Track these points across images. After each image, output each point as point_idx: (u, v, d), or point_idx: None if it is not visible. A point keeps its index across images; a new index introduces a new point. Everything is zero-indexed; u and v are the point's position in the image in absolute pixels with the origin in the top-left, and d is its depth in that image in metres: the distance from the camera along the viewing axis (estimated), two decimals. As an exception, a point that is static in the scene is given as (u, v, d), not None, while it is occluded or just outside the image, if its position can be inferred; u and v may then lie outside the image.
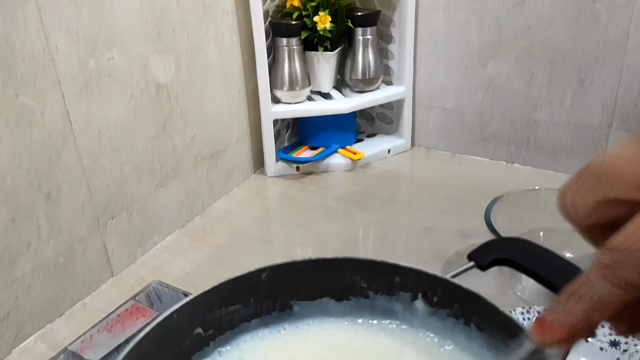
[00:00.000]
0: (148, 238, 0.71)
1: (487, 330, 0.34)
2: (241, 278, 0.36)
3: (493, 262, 0.36)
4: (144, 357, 0.32)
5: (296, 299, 0.38)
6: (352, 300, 0.39)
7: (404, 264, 0.36)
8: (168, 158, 0.71)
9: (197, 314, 0.35)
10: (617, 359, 0.53)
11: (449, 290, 0.35)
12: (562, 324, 0.23)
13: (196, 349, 0.36)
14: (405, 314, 0.38)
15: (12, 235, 0.54)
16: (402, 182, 0.87)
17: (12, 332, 0.56)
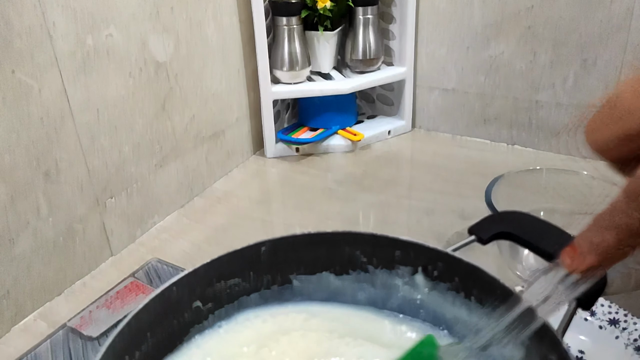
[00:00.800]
0: (147, 218, 0.71)
1: (488, 304, 0.34)
2: (241, 251, 0.36)
3: (494, 236, 0.35)
4: (143, 328, 0.32)
5: (296, 273, 0.38)
6: (352, 275, 0.38)
7: (404, 238, 0.36)
8: (167, 138, 0.71)
9: (196, 287, 0.35)
10: (617, 337, 0.53)
11: (449, 264, 0.35)
12: (594, 250, 0.24)
13: (195, 322, 0.36)
14: (405, 288, 0.37)
15: (11, 214, 0.54)
16: (403, 163, 0.86)
17: (12, 311, 0.56)
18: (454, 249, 0.35)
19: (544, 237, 0.33)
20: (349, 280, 0.39)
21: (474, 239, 0.36)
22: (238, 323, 0.37)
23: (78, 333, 0.47)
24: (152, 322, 0.32)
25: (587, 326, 0.55)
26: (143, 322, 0.32)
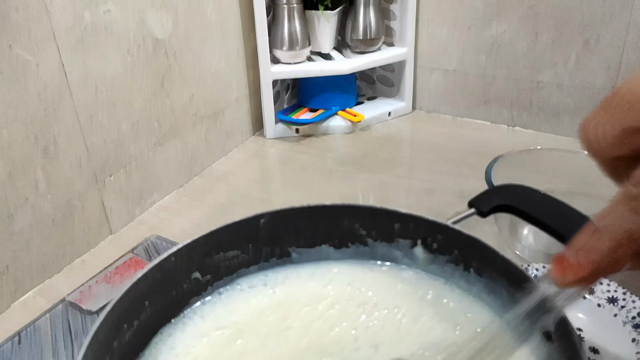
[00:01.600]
0: (147, 197, 0.71)
1: (487, 275, 0.34)
2: (239, 223, 0.36)
3: (494, 209, 0.35)
4: (141, 297, 0.32)
5: (295, 246, 0.38)
6: (351, 248, 0.38)
7: (403, 211, 0.36)
8: (166, 116, 0.71)
9: (195, 258, 0.35)
10: (615, 315, 0.53)
11: (448, 236, 0.35)
12: (586, 261, 0.22)
13: (194, 294, 0.36)
14: (404, 260, 0.37)
15: (9, 189, 0.54)
16: (403, 144, 0.86)
17: (11, 286, 0.57)
18: (453, 222, 0.35)
19: (543, 209, 0.33)
20: (348, 253, 0.39)
21: (474, 212, 0.36)
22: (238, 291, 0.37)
23: (77, 307, 0.47)
24: (150, 291, 0.32)
25: (585, 304, 0.55)
26: (142, 291, 0.32)
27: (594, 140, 0.22)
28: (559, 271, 0.23)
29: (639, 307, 0.53)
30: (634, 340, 0.51)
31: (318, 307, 0.35)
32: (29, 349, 0.43)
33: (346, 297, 0.36)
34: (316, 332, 0.33)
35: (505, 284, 0.33)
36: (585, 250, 0.22)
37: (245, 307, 0.36)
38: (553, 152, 0.66)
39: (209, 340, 0.34)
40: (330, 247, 0.38)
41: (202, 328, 0.34)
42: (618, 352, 0.50)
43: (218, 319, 0.35)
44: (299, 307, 0.35)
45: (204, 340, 0.34)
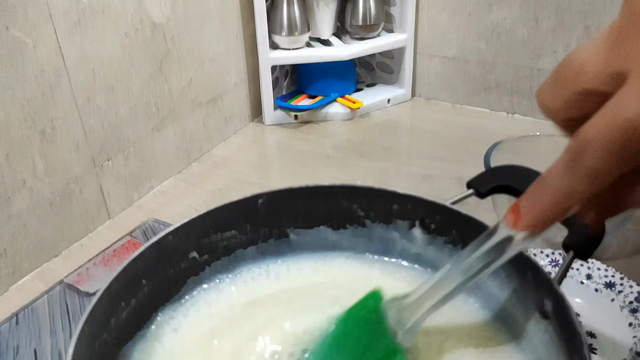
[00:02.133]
0: (145, 182, 0.71)
1: (485, 255, 0.34)
2: (237, 203, 0.36)
3: (492, 190, 0.35)
4: (139, 276, 0.32)
5: (293, 227, 0.38)
6: (349, 229, 0.38)
7: (402, 192, 0.36)
8: (164, 101, 0.70)
9: (193, 237, 0.35)
10: (612, 299, 0.54)
11: (446, 216, 0.35)
12: (533, 211, 0.24)
13: (192, 273, 0.36)
14: (402, 242, 0.37)
15: (6, 171, 0.54)
16: (402, 131, 0.86)
17: (9, 269, 0.56)
18: (451, 203, 0.35)
19: (543, 189, 0.33)
20: (346, 234, 0.38)
21: (472, 193, 0.36)
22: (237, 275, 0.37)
23: (75, 289, 0.47)
24: (147, 269, 0.32)
25: (583, 289, 0.55)
26: (139, 269, 0.31)
27: (549, 104, 0.24)
28: (512, 218, 0.25)
29: (636, 292, 0.53)
30: (631, 324, 0.51)
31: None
32: (27, 329, 0.43)
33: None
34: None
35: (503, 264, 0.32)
36: (533, 202, 0.24)
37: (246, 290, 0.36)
38: (552, 139, 0.65)
39: (211, 318, 0.34)
40: (329, 228, 0.38)
41: (203, 307, 0.34)
42: (615, 337, 0.51)
43: (219, 300, 0.35)
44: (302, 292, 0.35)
45: (205, 318, 0.34)
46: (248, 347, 0.31)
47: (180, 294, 0.35)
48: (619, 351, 0.49)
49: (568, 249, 0.31)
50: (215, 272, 0.37)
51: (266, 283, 0.36)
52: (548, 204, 0.23)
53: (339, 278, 0.37)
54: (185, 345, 0.32)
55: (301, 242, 0.39)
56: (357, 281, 0.36)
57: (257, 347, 0.31)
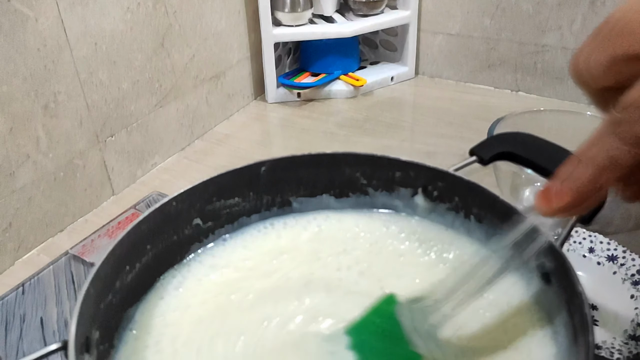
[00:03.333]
0: (148, 158, 0.71)
1: (487, 221, 0.34)
2: (240, 170, 0.36)
3: (495, 157, 0.35)
4: (143, 240, 0.32)
5: (295, 195, 0.38)
6: (352, 198, 0.38)
7: (404, 159, 0.36)
8: (167, 77, 0.70)
9: (196, 203, 0.35)
10: (614, 272, 0.54)
11: (449, 183, 0.35)
12: (570, 188, 0.22)
13: (195, 240, 0.36)
14: (405, 210, 0.37)
15: (10, 145, 0.54)
16: (405, 109, 0.86)
17: (15, 243, 0.57)
18: (454, 170, 0.35)
19: (546, 155, 0.33)
20: (348, 203, 0.39)
21: (475, 160, 0.36)
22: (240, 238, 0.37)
23: (80, 260, 0.48)
24: (151, 234, 0.32)
25: (585, 263, 0.55)
26: (143, 234, 0.32)
27: (584, 70, 0.22)
28: (545, 200, 0.23)
29: (638, 264, 0.53)
30: (633, 296, 0.51)
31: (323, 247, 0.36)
32: (33, 298, 0.44)
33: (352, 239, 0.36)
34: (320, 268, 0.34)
35: (505, 227, 0.33)
36: (569, 179, 0.22)
37: (251, 250, 0.36)
38: (555, 113, 0.65)
39: (213, 281, 0.34)
40: (331, 196, 0.38)
41: (206, 270, 0.35)
42: (617, 309, 0.51)
43: (221, 261, 0.35)
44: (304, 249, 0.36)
45: (208, 281, 0.34)
46: (253, 311, 0.32)
47: (185, 259, 0.35)
48: (621, 323, 0.49)
49: (570, 213, 0.31)
50: (219, 237, 0.37)
51: (270, 240, 0.37)
52: (587, 178, 0.22)
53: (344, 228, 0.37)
54: (189, 301, 0.33)
55: (304, 211, 0.39)
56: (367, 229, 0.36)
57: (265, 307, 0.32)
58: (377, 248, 0.36)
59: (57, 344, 0.25)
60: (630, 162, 0.21)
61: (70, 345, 0.24)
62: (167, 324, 0.31)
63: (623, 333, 0.48)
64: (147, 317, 0.31)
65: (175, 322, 0.31)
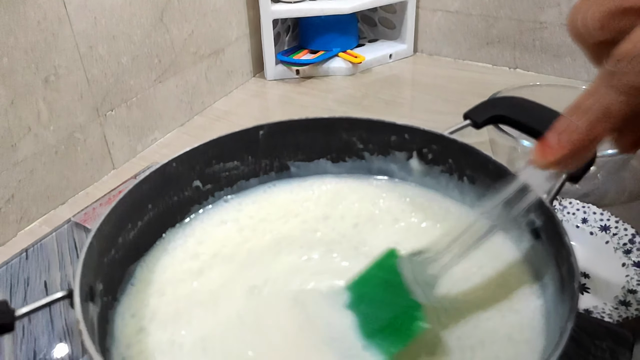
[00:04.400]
0: (148, 133, 0.71)
1: (480, 182, 0.35)
2: (239, 133, 0.36)
3: (489, 120, 0.36)
4: (144, 200, 0.33)
5: (293, 159, 0.39)
6: (349, 162, 0.39)
7: (400, 122, 0.37)
8: (166, 52, 0.70)
9: (196, 165, 0.36)
10: (607, 242, 0.55)
11: (443, 146, 0.36)
12: (567, 140, 0.23)
13: (195, 202, 0.37)
14: (400, 174, 0.38)
15: (12, 117, 0.55)
16: (404, 86, 0.86)
17: (17, 215, 0.58)
18: (449, 133, 0.36)
19: (539, 117, 0.34)
20: (345, 167, 0.39)
21: (469, 123, 0.36)
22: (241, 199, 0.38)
23: (82, 227, 0.49)
24: (152, 194, 0.33)
25: (578, 233, 0.56)
26: (144, 193, 0.32)
27: (581, 26, 0.24)
28: (541, 153, 0.24)
29: (630, 234, 0.54)
30: (624, 264, 0.52)
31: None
32: (36, 263, 0.45)
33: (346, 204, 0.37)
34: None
35: (497, 187, 0.33)
36: (565, 131, 0.23)
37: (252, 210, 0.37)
38: (552, 88, 0.66)
39: (214, 238, 0.35)
40: (328, 161, 0.39)
41: (207, 229, 0.36)
42: (608, 276, 0.52)
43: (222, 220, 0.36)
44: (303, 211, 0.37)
45: (208, 239, 0.35)
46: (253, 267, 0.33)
47: (186, 219, 0.36)
48: (612, 289, 0.50)
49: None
50: (220, 199, 0.38)
51: (270, 202, 0.38)
52: (583, 128, 0.22)
53: (342, 191, 0.38)
54: (190, 257, 0.34)
55: (301, 176, 0.40)
56: (362, 193, 0.37)
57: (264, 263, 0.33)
58: (375, 213, 0.36)
59: (62, 292, 0.26)
60: (623, 112, 0.22)
61: (75, 293, 0.25)
62: (169, 278, 0.32)
63: (614, 299, 0.49)
64: (148, 273, 0.32)
65: (177, 276, 0.32)
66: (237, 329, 0.29)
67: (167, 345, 0.28)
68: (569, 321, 0.22)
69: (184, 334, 0.29)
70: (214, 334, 0.29)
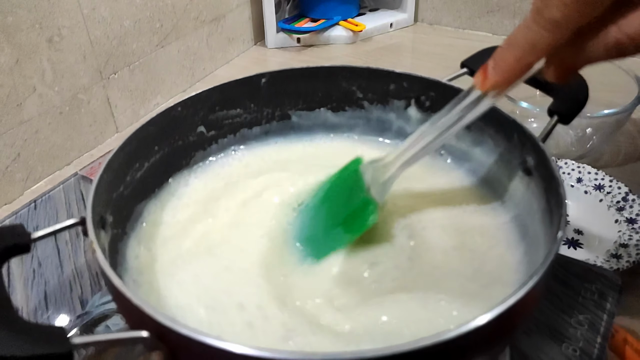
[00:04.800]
0: (151, 98, 0.72)
1: (474, 127, 0.36)
2: (242, 81, 0.37)
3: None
4: (150, 141, 0.34)
5: (294, 108, 0.40)
6: (349, 112, 0.40)
7: (398, 70, 0.38)
8: (168, 16, 0.71)
9: (200, 111, 0.37)
10: (600, 200, 0.56)
11: (440, 92, 0.37)
12: (501, 67, 0.26)
13: (200, 147, 0.38)
14: (398, 122, 0.39)
15: (17, 76, 0.55)
16: (404, 54, 0.87)
17: (23, 174, 0.59)
18: (446, 81, 0.37)
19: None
20: (345, 116, 0.40)
21: (466, 72, 0.37)
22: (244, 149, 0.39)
23: (89, 180, 0.50)
24: (158, 136, 0.34)
25: (573, 192, 0.57)
26: (150, 135, 0.34)
27: None
28: (481, 77, 0.27)
29: (624, 192, 0.55)
30: (617, 221, 0.53)
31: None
32: (45, 213, 0.46)
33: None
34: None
35: (491, 132, 0.34)
36: (500, 60, 0.26)
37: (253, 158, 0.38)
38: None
39: (220, 179, 0.36)
40: (329, 110, 0.40)
41: (214, 171, 0.37)
42: (601, 232, 0.53)
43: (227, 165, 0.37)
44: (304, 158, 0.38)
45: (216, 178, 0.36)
46: (254, 200, 0.34)
47: (191, 163, 0.38)
48: (604, 244, 0.52)
49: (552, 114, 0.33)
50: (222, 148, 0.39)
51: (272, 152, 0.39)
52: (512, 60, 0.25)
53: (338, 152, 0.39)
54: (197, 197, 0.35)
55: (303, 125, 0.41)
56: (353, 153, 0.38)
57: (261, 198, 0.34)
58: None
59: (75, 219, 0.27)
60: (546, 44, 0.24)
61: (88, 218, 0.26)
62: (177, 218, 0.34)
63: (606, 253, 0.50)
64: (156, 212, 0.34)
65: (184, 216, 0.34)
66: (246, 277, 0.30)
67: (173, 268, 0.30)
68: (559, 231, 0.23)
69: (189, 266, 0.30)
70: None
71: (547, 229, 0.28)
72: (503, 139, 0.34)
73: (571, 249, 0.52)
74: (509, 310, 0.22)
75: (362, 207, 0.30)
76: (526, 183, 0.32)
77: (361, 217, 0.30)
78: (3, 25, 0.52)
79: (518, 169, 0.33)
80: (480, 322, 0.21)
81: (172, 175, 0.37)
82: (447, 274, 0.30)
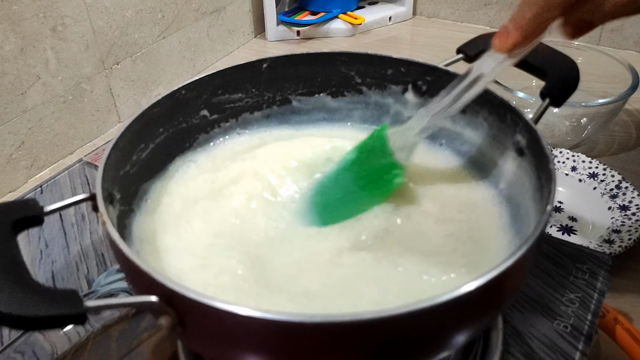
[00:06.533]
0: (152, 88, 0.73)
1: (469, 110, 0.37)
2: (243, 66, 0.38)
3: (481, 53, 0.37)
4: (155, 123, 0.35)
5: (295, 93, 0.41)
6: (347, 97, 0.41)
7: (395, 56, 0.39)
8: (169, 7, 0.72)
9: (203, 95, 0.38)
10: (594, 188, 0.57)
11: (437, 77, 0.38)
12: (519, 25, 0.28)
13: (202, 130, 0.39)
14: (396, 107, 0.40)
15: (21, 65, 0.56)
16: (403, 47, 0.88)
17: (27, 162, 0.60)
18: (443, 66, 0.38)
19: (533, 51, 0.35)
20: (344, 102, 0.41)
21: (462, 57, 0.38)
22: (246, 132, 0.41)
23: (94, 165, 0.51)
24: (163, 118, 0.35)
25: (567, 180, 0.58)
26: (155, 116, 0.35)
27: None
28: (502, 37, 0.30)
29: (617, 180, 0.56)
30: (610, 208, 0.55)
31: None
32: (51, 196, 0.47)
33: None
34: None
35: (485, 114, 0.36)
36: (516, 20, 0.28)
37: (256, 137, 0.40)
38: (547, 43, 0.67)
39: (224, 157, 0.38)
40: (328, 95, 0.41)
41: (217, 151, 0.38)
42: (594, 219, 0.54)
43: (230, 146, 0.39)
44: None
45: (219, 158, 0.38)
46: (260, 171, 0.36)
47: (195, 146, 0.39)
48: (597, 231, 0.53)
49: (544, 96, 0.34)
50: (225, 131, 0.40)
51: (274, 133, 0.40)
52: (531, 17, 0.27)
53: (337, 135, 0.40)
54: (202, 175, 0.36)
55: (303, 110, 0.42)
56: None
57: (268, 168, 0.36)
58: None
59: (85, 194, 0.28)
60: (562, 4, 0.27)
61: (97, 192, 0.27)
62: (182, 196, 0.35)
63: (599, 238, 0.51)
64: (161, 191, 0.35)
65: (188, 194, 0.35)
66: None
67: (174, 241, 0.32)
68: (549, 204, 0.25)
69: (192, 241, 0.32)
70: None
71: (538, 205, 0.29)
72: (496, 120, 0.35)
73: (565, 235, 0.53)
74: (498, 277, 0.23)
75: (388, 171, 0.33)
76: (518, 163, 0.33)
77: (388, 180, 0.32)
78: (8, 14, 0.53)
79: (511, 149, 0.34)
80: (470, 288, 0.22)
81: (176, 156, 0.38)
82: (438, 248, 0.31)
